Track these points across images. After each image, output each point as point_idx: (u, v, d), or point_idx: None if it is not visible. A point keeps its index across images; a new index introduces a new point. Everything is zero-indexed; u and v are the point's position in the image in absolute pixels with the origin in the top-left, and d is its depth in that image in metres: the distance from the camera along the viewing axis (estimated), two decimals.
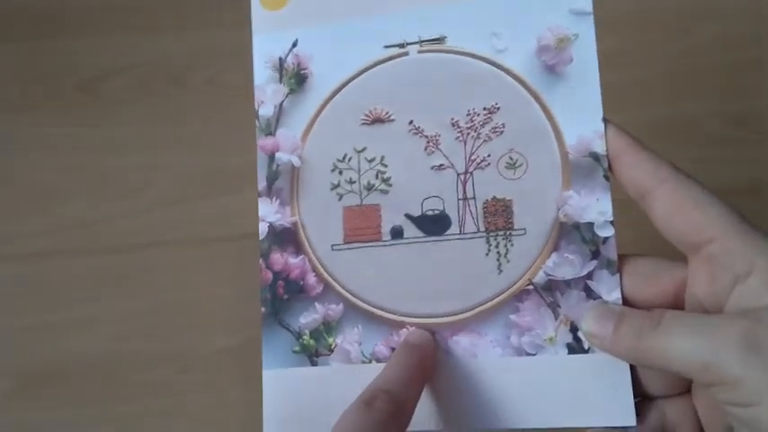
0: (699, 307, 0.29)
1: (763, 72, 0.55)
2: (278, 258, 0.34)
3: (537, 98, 0.32)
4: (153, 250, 0.56)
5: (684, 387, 0.31)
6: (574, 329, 0.31)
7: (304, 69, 0.35)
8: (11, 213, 0.57)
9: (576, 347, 0.31)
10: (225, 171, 0.57)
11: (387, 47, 0.34)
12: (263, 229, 0.34)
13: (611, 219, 0.31)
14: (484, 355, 0.32)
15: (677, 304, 0.30)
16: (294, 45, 0.35)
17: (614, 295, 0.31)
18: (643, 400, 0.30)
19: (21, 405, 0.54)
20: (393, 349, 0.32)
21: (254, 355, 0.33)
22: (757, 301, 0.27)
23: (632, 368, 0.30)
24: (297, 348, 0.33)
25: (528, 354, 0.31)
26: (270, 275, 0.34)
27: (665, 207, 0.29)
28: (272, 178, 0.35)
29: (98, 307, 0.55)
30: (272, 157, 0.35)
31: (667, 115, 0.55)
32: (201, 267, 0.55)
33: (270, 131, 0.35)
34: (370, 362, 0.32)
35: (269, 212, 0.34)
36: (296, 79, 0.35)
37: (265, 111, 0.35)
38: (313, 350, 0.33)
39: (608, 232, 0.31)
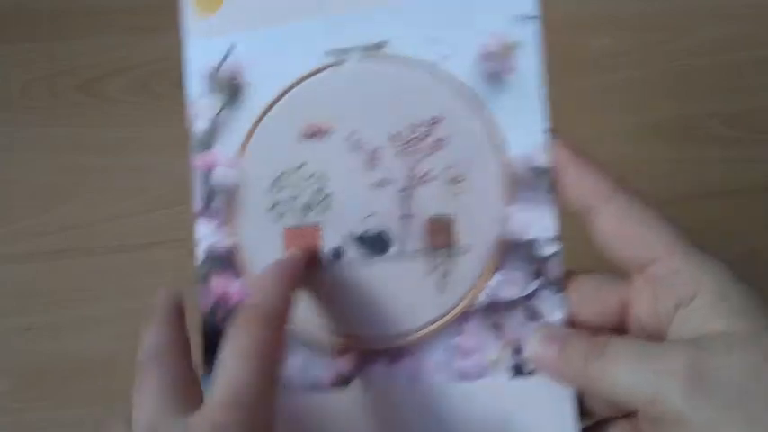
0: (642, 330, 0.28)
1: (763, 72, 0.55)
2: (216, 284, 0.33)
3: (480, 109, 0.31)
4: (153, 250, 0.55)
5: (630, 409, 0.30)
6: (518, 351, 0.30)
7: (238, 80, 0.33)
8: (11, 213, 0.56)
9: (520, 370, 0.30)
10: None
11: (326, 53, 0.32)
12: (199, 253, 0.33)
13: (556, 235, 0.30)
14: (427, 380, 0.31)
15: (622, 323, 0.29)
16: (228, 54, 0.33)
17: (557, 315, 0.30)
18: (588, 427, 0.30)
19: (21, 405, 0.54)
20: (334, 377, 0.31)
21: None
22: (701, 326, 0.26)
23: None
24: None
25: (471, 377, 0.30)
26: (210, 303, 0.33)
27: (609, 224, 0.28)
28: (209, 198, 0.33)
29: (98, 307, 0.54)
30: (208, 175, 0.33)
31: (667, 115, 0.54)
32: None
33: (206, 147, 0.33)
34: (312, 390, 0.32)
35: (206, 234, 0.33)
36: (230, 90, 0.33)
37: (200, 126, 0.33)
38: None
39: (552, 249, 0.30)
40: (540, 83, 0.30)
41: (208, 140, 0.33)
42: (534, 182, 0.30)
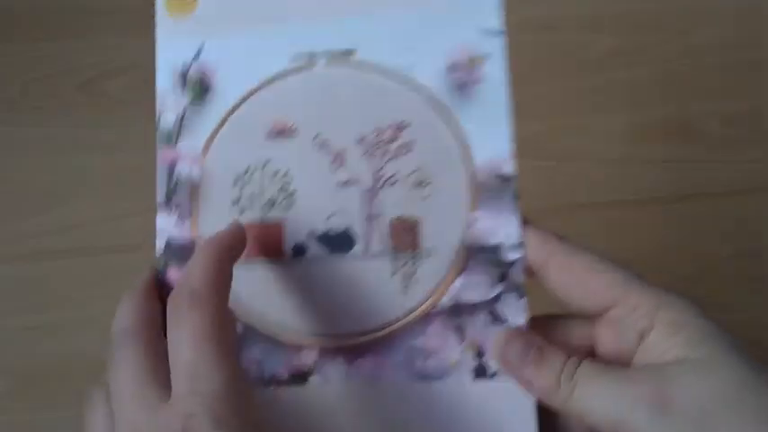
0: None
1: (762, 72, 0.56)
2: (175, 275, 0.32)
3: (447, 117, 0.32)
4: (153, 250, 0.53)
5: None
6: (480, 354, 0.30)
7: (208, 79, 0.33)
8: (11, 213, 0.56)
9: (481, 373, 0.30)
10: None
11: (295, 57, 0.33)
12: (159, 245, 0.32)
13: (519, 241, 0.30)
14: (387, 379, 0.30)
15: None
16: (198, 54, 0.33)
17: (520, 319, 0.30)
18: None
19: (21, 405, 0.52)
20: (292, 372, 0.31)
21: None
22: (662, 355, 0.27)
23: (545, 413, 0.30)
24: None
25: (433, 378, 0.30)
26: (166, 294, 0.32)
27: (560, 278, 0.29)
28: (171, 191, 0.33)
29: (98, 307, 0.51)
30: (171, 170, 0.33)
31: (667, 115, 0.54)
32: None
33: (171, 142, 0.33)
34: (269, 385, 0.31)
35: (167, 226, 0.32)
36: (198, 89, 0.33)
37: (166, 121, 0.33)
38: None
39: (515, 255, 0.30)
40: (506, 94, 0.31)
41: (173, 135, 0.33)
42: (500, 189, 0.31)
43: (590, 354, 0.30)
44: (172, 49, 0.33)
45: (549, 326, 0.30)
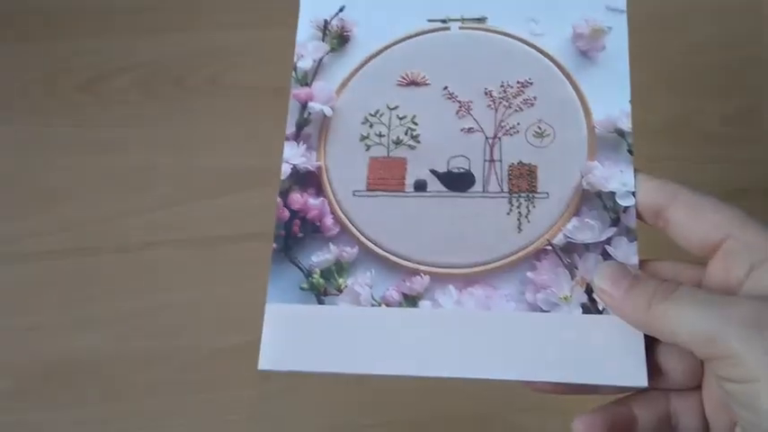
0: None
1: (762, 72, 0.56)
2: (297, 198, 0.34)
3: (569, 77, 0.34)
4: (153, 250, 0.55)
5: (695, 383, 0.31)
6: (589, 291, 0.31)
7: (347, 32, 0.36)
8: (11, 213, 0.56)
9: (590, 308, 0.31)
10: (225, 171, 0.56)
11: (430, 20, 0.36)
12: (285, 169, 0.34)
13: (633, 190, 0.32)
14: (497, 309, 0.31)
15: None
16: (341, 10, 0.37)
17: (632, 260, 0.31)
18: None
19: (21, 405, 0.51)
20: (404, 295, 0.32)
21: (255, 355, 0.32)
22: None
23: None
24: (305, 285, 0.32)
25: (542, 310, 0.31)
26: (287, 213, 0.33)
27: (684, 215, 0.30)
28: (301, 124, 0.35)
29: (98, 307, 0.53)
30: (304, 106, 0.35)
31: (667, 115, 0.55)
32: (201, 267, 0.54)
33: (306, 83, 0.36)
34: (380, 305, 0.32)
35: (294, 155, 0.34)
36: (338, 40, 0.36)
37: (304, 64, 0.36)
38: (322, 289, 0.32)
39: (629, 202, 0.32)
40: (626, 62, 0.34)
41: (309, 76, 0.36)
42: (616, 142, 0.33)
43: None
44: (315, 3, 0.37)
45: (657, 267, 0.31)
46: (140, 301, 0.53)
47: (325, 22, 0.37)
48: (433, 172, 0.34)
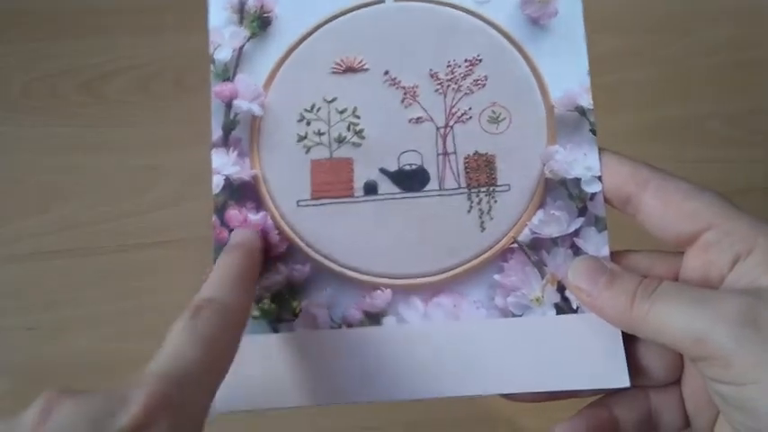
0: None
1: (763, 72, 0.56)
2: (235, 215, 0.30)
3: (521, 51, 0.31)
4: (153, 250, 0.54)
5: (675, 377, 0.29)
6: (561, 289, 0.29)
7: (268, 12, 0.32)
8: (11, 213, 0.55)
9: (564, 308, 0.29)
10: None
11: None
12: (217, 182, 0.31)
13: (599, 174, 0.30)
14: (467, 318, 0.29)
15: None
16: None
17: (603, 252, 0.29)
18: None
19: (21, 405, 0.48)
20: (366, 313, 0.29)
21: None
22: (756, 280, 0.26)
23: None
24: (256, 313, 0.29)
25: (514, 315, 0.29)
26: (225, 234, 0.30)
27: (655, 204, 0.28)
28: (228, 128, 0.31)
29: (98, 307, 0.53)
30: (229, 105, 0.31)
31: (667, 115, 0.55)
32: (201, 267, 0.51)
33: (227, 77, 0.31)
34: (340, 327, 0.29)
35: (224, 164, 0.31)
36: (259, 23, 0.32)
37: (222, 54, 0.32)
38: (274, 315, 0.29)
39: (595, 188, 0.30)
40: (581, 26, 0.31)
41: (230, 70, 0.31)
42: (577, 121, 0.30)
43: None
44: None
45: (630, 259, 0.29)
46: (140, 301, 0.53)
47: (241, 2, 0.32)
48: (383, 171, 0.30)
